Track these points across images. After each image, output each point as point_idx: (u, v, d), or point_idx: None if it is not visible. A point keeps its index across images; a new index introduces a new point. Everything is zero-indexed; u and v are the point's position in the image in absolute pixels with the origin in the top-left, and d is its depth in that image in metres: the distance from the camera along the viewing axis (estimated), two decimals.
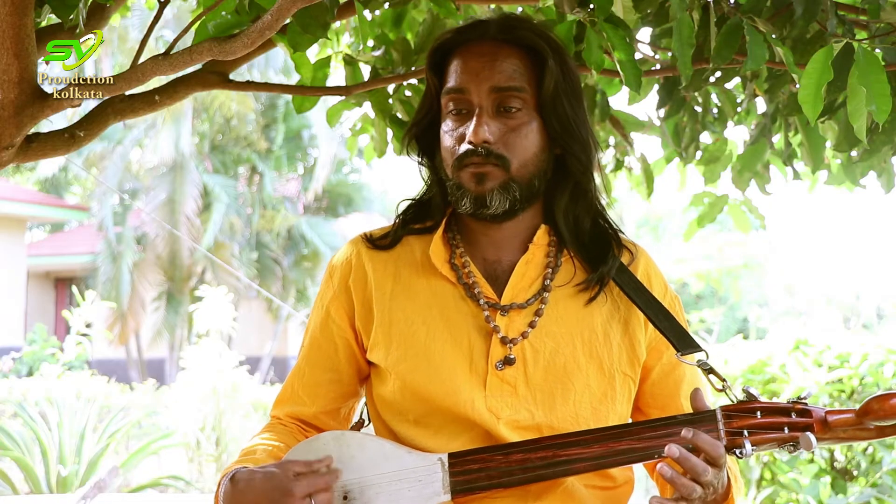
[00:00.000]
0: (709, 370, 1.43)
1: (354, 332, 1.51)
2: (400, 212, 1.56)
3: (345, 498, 1.39)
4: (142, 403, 8.57)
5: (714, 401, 1.43)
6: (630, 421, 1.51)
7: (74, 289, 12.21)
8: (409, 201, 1.57)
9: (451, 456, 1.37)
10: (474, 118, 1.42)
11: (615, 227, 1.53)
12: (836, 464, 4.63)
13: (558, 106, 1.44)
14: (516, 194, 1.42)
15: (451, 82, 1.46)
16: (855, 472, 4.60)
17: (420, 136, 1.53)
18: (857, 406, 1.33)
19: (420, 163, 1.55)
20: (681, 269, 22.02)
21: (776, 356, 4.87)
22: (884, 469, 4.44)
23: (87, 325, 9.92)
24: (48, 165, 18.17)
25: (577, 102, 1.47)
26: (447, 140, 1.46)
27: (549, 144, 1.46)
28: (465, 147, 1.42)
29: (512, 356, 1.42)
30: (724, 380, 1.41)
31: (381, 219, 19.20)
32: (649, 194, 2.85)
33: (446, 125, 1.47)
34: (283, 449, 1.47)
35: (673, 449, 1.28)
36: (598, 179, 1.51)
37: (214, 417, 7.34)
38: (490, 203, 1.42)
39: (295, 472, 1.33)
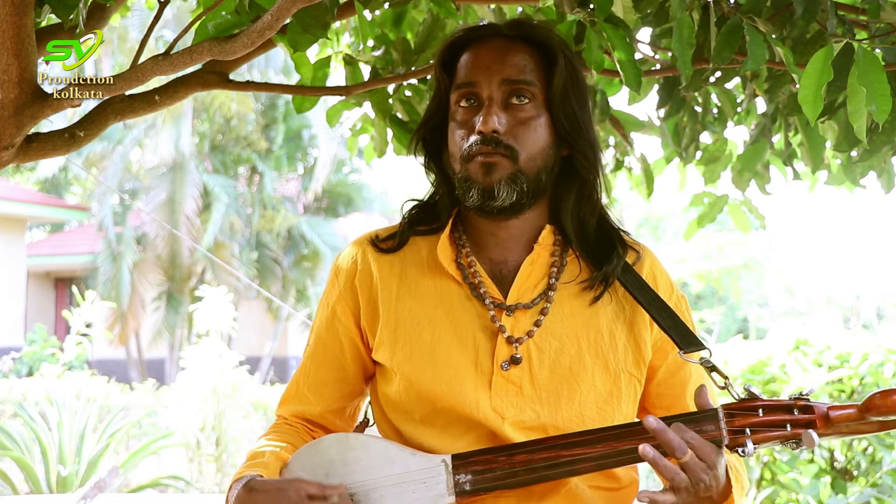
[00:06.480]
0: (711, 368, 1.43)
1: (360, 331, 1.52)
2: (405, 213, 1.56)
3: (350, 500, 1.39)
4: (142, 403, 8.57)
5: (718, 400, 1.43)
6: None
7: (74, 289, 12.23)
8: (415, 202, 1.57)
9: (454, 457, 1.37)
10: (483, 109, 1.43)
11: (619, 227, 1.53)
12: (836, 464, 4.63)
13: (567, 103, 1.46)
14: (524, 186, 1.42)
15: (462, 77, 1.47)
16: (855, 472, 4.60)
17: (427, 138, 1.54)
18: (859, 401, 1.33)
19: (426, 165, 1.55)
20: (681, 269, 22.01)
21: (776, 356, 4.86)
22: (884, 469, 4.44)
23: (87, 325, 9.94)
24: (48, 165, 18.17)
25: (584, 103, 1.48)
26: (456, 133, 1.46)
27: (556, 142, 1.47)
28: (474, 137, 1.42)
29: (518, 355, 1.42)
30: (726, 377, 1.41)
31: (381, 219, 19.19)
32: (649, 194, 2.84)
33: (455, 119, 1.47)
34: (290, 450, 1.48)
35: (651, 422, 1.29)
36: (601, 181, 1.51)
37: (214, 417, 7.34)
38: (497, 195, 1.41)
39: (308, 493, 1.34)
